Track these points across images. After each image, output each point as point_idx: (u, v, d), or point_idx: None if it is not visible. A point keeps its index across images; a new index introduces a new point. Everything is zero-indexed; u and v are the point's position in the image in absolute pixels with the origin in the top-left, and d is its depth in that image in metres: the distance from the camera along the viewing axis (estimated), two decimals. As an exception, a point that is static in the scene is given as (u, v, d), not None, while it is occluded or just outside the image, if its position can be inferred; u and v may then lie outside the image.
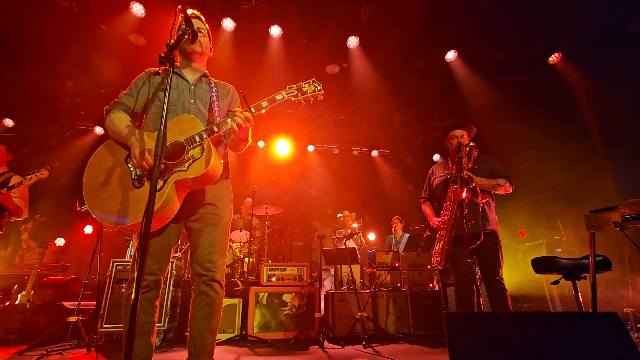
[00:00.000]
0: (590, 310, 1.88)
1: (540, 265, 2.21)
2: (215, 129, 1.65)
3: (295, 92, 1.81)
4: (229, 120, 1.66)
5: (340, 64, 5.94)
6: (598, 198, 4.93)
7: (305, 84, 1.84)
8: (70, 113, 6.57)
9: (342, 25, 5.16)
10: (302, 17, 5.01)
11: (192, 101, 1.81)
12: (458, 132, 2.98)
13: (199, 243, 1.71)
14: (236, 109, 1.69)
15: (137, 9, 4.66)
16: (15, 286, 4.11)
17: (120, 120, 1.71)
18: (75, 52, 5.28)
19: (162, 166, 1.57)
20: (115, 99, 1.80)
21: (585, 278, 2.12)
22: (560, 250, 5.46)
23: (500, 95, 5.98)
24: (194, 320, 1.65)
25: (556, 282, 2.22)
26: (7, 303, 3.95)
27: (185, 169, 1.59)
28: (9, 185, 3.06)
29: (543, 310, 4.88)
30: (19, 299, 3.90)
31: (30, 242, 5.60)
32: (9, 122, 6.17)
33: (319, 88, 1.85)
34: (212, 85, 1.93)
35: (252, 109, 1.71)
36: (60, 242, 6.33)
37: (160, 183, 1.55)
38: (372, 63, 5.77)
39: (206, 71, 1.98)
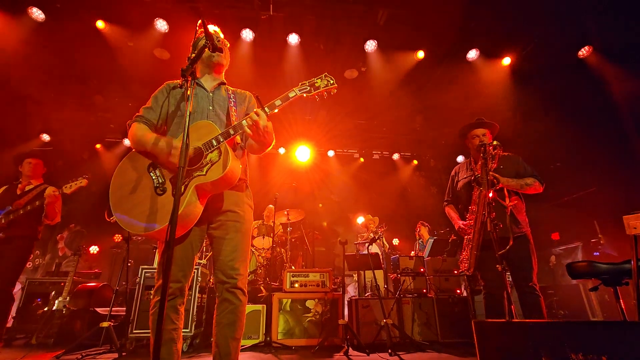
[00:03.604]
0: (636, 319, 1.75)
1: (577, 270, 2.08)
2: (231, 132, 1.68)
3: (308, 87, 1.81)
4: (243, 122, 1.68)
5: (359, 68, 5.92)
6: (638, 196, 4.63)
7: (317, 79, 1.83)
8: (100, 126, 6.91)
9: (359, 30, 5.15)
10: (318, 23, 5.05)
11: (210, 107, 1.86)
12: (479, 131, 2.87)
13: (222, 250, 1.73)
14: (254, 110, 1.70)
15: (161, 25, 4.86)
16: (53, 292, 4.33)
17: (142, 129, 1.77)
18: (104, 69, 5.56)
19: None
20: (137, 113, 1.85)
21: (627, 284, 1.98)
22: (597, 254, 5.15)
23: (528, 92, 5.77)
24: (219, 328, 1.67)
25: (595, 289, 2.08)
26: (45, 309, 4.16)
27: (204, 173, 1.62)
28: (46, 194, 3.21)
29: (581, 317, 4.61)
30: (56, 304, 4.09)
31: (66, 250, 5.89)
32: (45, 137, 6.56)
33: (332, 82, 1.83)
34: (230, 92, 1.98)
35: (266, 108, 1.72)
36: (94, 249, 6.64)
37: (181, 189, 1.58)
38: (391, 66, 5.71)
39: (224, 80, 2.03)
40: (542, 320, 1.45)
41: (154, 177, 1.69)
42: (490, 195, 2.32)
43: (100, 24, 4.83)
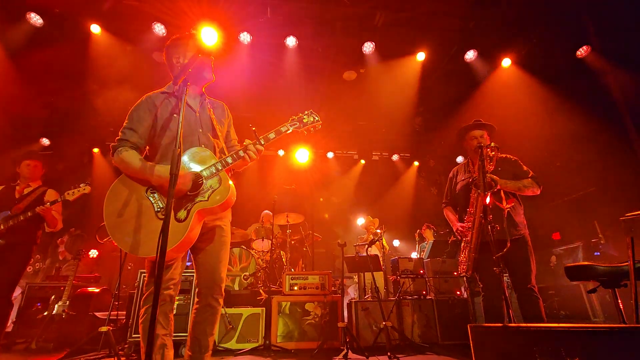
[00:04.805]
0: (634, 322, 1.73)
1: (575, 273, 2.06)
2: (229, 161, 1.78)
3: (297, 123, 2.05)
4: (240, 152, 1.81)
5: (357, 70, 5.92)
6: (638, 197, 4.61)
7: (304, 115, 2.08)
8: (99, 130, 6.91)
9: (357, 32, 5.15)
10: (316, 26, 5.06)
11: (200, 130, 1.89)
12: (477, 133, 2.86)
13: (211, 262, 1.83)
14: (249, 142, 1.85)
15: (159, 29, 4.87)
16: (53, 297, 4.32)
17: (132, 157, 1.73)
18: (103, 72, 5.57)
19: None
20: (122, 137, 1.79)
21: (625, 286, 1.97)
22: (598, 253, 5.13)
23: (527, 92, 5.76)
24: (200, 326, 1.78)
25: (593, 291, 2.07)
26: (45, 313, 4.16)
27: (206, 198, 1.71)
28: (52, 200, 3.23)
29: (582, 318, 4.58)
30: (55, 309, 4.09)
31: (67, 254, 5.90)
32: (45, 142, 6.58)
33: (317, 119, 2.09)
34: (209, 106, 2.00)
35: (262, 140, 1.88)
36: (93, 253, 6.64)
37: (183, 213, 1.65)
38: (390, 67, 5.71)
39: (204, 91, 2.04)
40: (538, 325, 1.44)
41: (153, 201, 1.71)
42: (488, 200, 2.31)
43: (97, 28, 4.85)
